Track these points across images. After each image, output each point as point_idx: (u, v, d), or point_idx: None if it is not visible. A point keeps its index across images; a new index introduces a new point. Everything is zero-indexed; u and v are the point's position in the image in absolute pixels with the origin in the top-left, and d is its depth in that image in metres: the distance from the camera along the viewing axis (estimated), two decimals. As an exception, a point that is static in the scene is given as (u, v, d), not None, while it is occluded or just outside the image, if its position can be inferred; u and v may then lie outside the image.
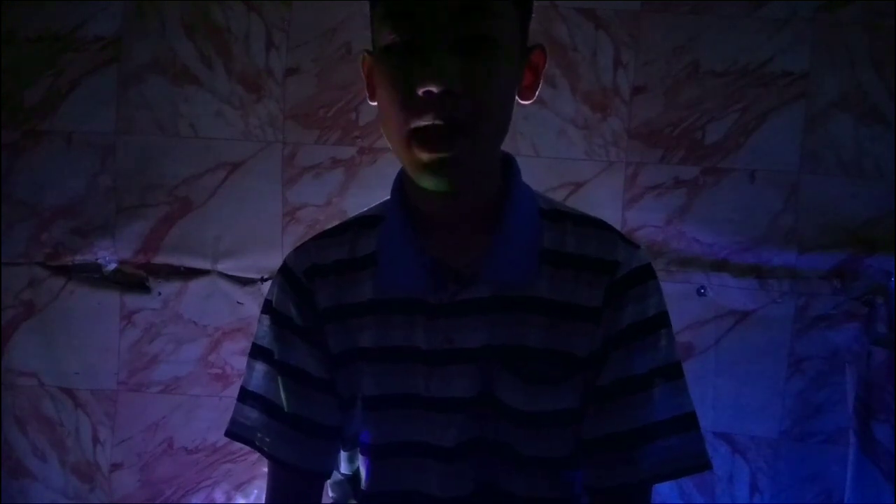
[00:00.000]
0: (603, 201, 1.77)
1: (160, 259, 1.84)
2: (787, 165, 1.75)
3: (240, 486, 1.86)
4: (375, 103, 0.95)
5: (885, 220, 1.73)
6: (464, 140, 0.87)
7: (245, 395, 1.03)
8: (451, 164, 0.87)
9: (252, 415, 1.02)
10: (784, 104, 1.75)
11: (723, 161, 1.77)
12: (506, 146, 0.99)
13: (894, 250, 1.72)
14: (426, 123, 0.86)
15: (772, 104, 1.75)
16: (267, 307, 1.03)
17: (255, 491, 1.86)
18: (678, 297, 1.75)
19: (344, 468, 1.05)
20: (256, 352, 1.03)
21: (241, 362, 1.83)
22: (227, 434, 1.04)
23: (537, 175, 1.72)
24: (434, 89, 0.84)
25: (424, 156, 0.87)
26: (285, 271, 1.02)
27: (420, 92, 0.85)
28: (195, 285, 1.84)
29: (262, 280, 1.82)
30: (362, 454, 0.99)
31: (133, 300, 1.84)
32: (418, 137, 0.87)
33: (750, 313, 1.77)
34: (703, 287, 1.78)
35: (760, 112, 1.75)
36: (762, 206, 1.76)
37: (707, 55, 1.76)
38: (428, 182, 0.90)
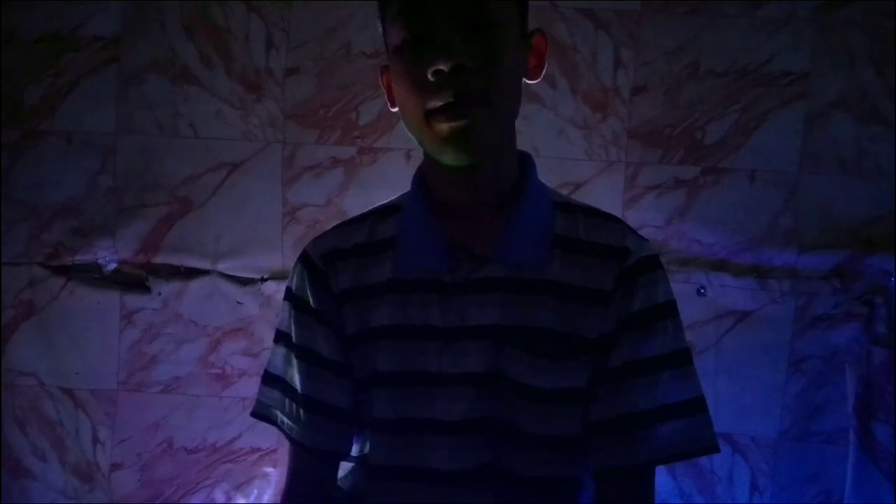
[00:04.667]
0: (603, 201, 1.74)
1: (160, 259, 1.84)
2: (787, 165, 1.75)
3: (240, 486, 1.86)
4: (396, 108, 1.00)
5: (885, 220, 1.73)
6: (478, 110, 0.91)
7: (267, 377, 1.08)
8: (469, 132, 0.91)
9: (273, 395, 1.06)
10: (784, 104, 1.75)
11: (723, 161, 1.77)
12: (506, 146, 1.00)
13: (894, 250, 1.72)
14: (441, 102, 0.91)
15: (772, 104, 1.75)
16: (287, 293, 1.07)
17: (255, 491, 1.86)
18: (678, 297, 1.74)
19: (360, 446, 1.06)
20: (278, 336, 1.08)
21: (241, 362, 1.84)
22: (253, 414, 1.08)
23: (537, 175, 1.73)
24: (444, 67, 0.90)
25: (444, 126, 0.92)
26: (304, 256, 1.07)
27: (430, 74, 0.90)
28: (195, 285, 1.84)
29: (263, 280, 1.82)
30: (373, 430, 1.01)
31: (133, 300, 1.84)
32: (435, 115, 0.92)
33: (750, 313, 1.77)
34: (703, 287, 1.78)
35: (760, 112, 1.75)
36: (762, 206, 1.76)
37: (707, 55, 1.76)
38: (449, 155, 0.94)
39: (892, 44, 1.71)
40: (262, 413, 1.08)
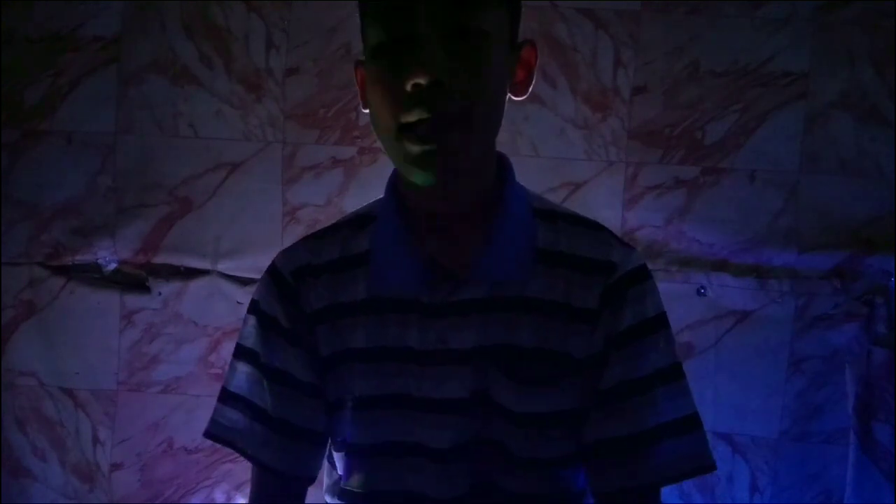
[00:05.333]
0: (603, 201, 1.77)
1: (160, 259, 1.84)
2: (787, 165, 1.75)
3: (240, 486, 1.86)
4: (368, 110, 0.94)
5: (885, 220, 1.73)
6: (454, 133, 0.85)
7: (227, 396, 1.01)
8: (440, 156, 0.86)
9: (234, 416, 1.00)
10: (784, 104, 1.75)
11: (723, 161, 1.77)
12: (506, 146, 0.99)
13: (894, 250, 1.72)
14: (415, 118, 0.85)
15: (772, 104, 1.75)
16: (253, 307, 1.02)
17: (255, 491, 1.85)
18: (678, 297, 1.75)
19: (341, 469, 1.04)
20: (240, 352, 1.01)
21: (241, 362, 1.84)
22: (207, 435, 1.02)
23: (537, 175, 1.73)
24: (422, 81, 0.83)
25: (414, 148, 0.86)
26: (273, 271, 1.01)
27: (408, 86, 0.84)
28: (195, 285, 1.84)
29: (262, 280, 1.82)
30: (353, 455, 0.98)
31: (133, 300, 1.84)
32: (408, 131, 0.86)
33: (750, 313, 1.77)
34: (703, 287, 1.78)
35: (760, 112, 1.75)
36: (762, 206, 1.76)
37: (707, 55, 1.76)
38: (417, 176, 0.88)
39: (892, 44, 1.71)
40: (219, 435, 1.01)
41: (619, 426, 0.93)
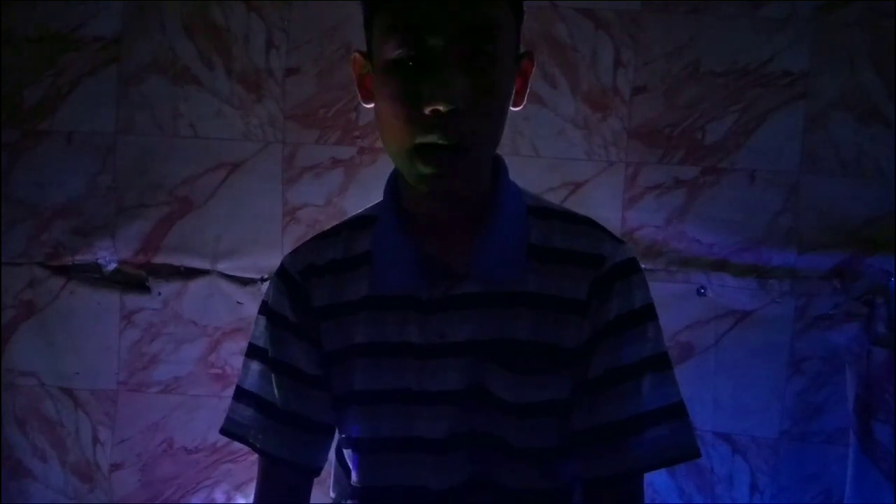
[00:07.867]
0: (603, 201, 1.77)
1: (160, 259, 1.84)
2: (787, 165, 1.75)
3: (240, 486, 1.86)
4: (370, 105, 0.96)
5: (885, 220, 1.73)
6: (464, 159, 0.89)
7: (240, 394, 1.06)
8: (449, 178, 0.90)
9: (246, 413, 1.04)
10: (784, 104, 1.75)
11: (723, 161, 1.77)
12: (506, 146, 1.01)
13: (894, 250, 1.72)
14: (430, 141, 0.88)
15: (772, 104, 1.75)
16: (263, 308, 1.06)
17: (255, 491, 1.85)
18: (678, 297, 1.75)
19: (349, 465, 1.06)
20: (252, 351, 1.06)
21: (241, 362, 1.83)
22: (222, 432, 1.06)
23: (537, 175, 1.73)
24: (442, 108, 0.86)
25: (427, 170, 0.89)
26: (281, 272, 1.05)
27: (427, 110, 0.86)
28: (195, 285, 1.84)
29: (262, 280, 1.82)
30: (358, 451, 1.01)
31: (133, 300, 1.84)
32: (422, 153, 0.89)
33: (750, 313, 1.77)
34: (703, 287, 1.78)
35: (760, 112, 1.75)
36: (762, 206, 1.76)
37: (707, 55, 1.76)
38: (424, 190, 0.93)
39: (892, 44, 1.71)
40: (232, 431, 1.05)
41: (605, 413, 0.96)
